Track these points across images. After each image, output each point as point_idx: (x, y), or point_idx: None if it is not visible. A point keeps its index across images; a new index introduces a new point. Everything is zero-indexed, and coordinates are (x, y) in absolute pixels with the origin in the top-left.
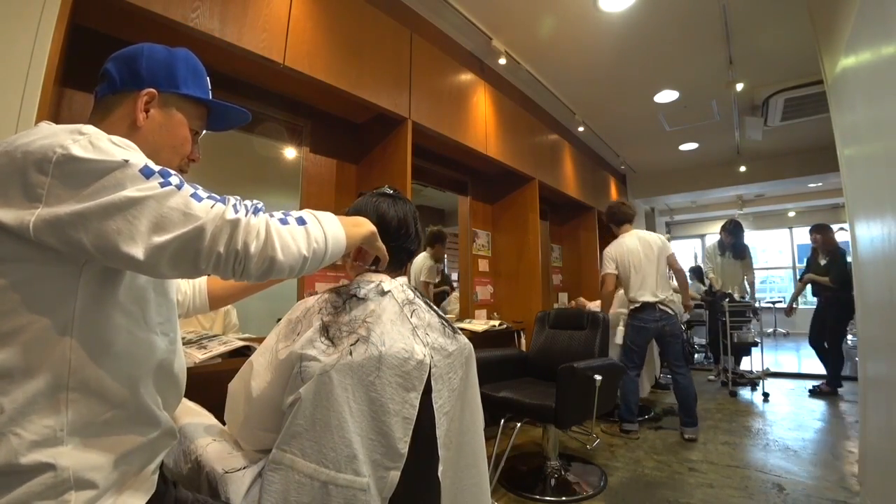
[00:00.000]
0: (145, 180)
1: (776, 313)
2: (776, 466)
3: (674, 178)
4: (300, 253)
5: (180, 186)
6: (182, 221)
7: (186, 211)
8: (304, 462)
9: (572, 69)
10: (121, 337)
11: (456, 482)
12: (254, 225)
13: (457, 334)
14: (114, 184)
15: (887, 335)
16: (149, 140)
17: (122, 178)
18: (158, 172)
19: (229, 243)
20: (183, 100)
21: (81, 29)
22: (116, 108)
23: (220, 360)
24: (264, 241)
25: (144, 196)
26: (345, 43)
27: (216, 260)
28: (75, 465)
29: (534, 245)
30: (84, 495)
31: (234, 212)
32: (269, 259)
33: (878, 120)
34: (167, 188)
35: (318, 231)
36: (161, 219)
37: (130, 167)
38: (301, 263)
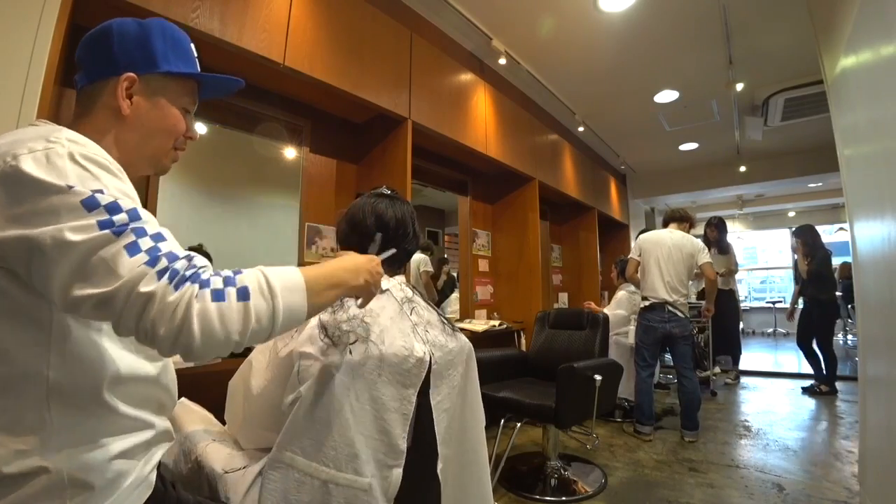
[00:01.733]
0: (85, 214)
1: (776, 313)
2: (776, 466)
3: (674, 178)
4: (227, 338)
5: (118, 231)
6: (103, 278)
7: (111, 267)
8: (304, 461)
9: (572, 69)
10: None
11: (457, 479)
12: (169, 303)
13: (456, 333)
14: (48, 211)
15: (887, 335)
16: (139, 127)
17: (59, 205)
18: (104, 207)
19: (137, 319)
20: (167, 78)
21: (81, 29)
22: (97, 98)
23: (219, 360)
24: (178, 325)
25: (70, 240)
26: (345, 43)
27: (127, 330)
28: (67, 467)
29: (534, 245)
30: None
31: (156, 280)
32: (186, 344)
33: (878, 120)
34: (102, 233)
35: (263, 306)
36: (86, 270)
37: (73, 195)
38: (228, 347)
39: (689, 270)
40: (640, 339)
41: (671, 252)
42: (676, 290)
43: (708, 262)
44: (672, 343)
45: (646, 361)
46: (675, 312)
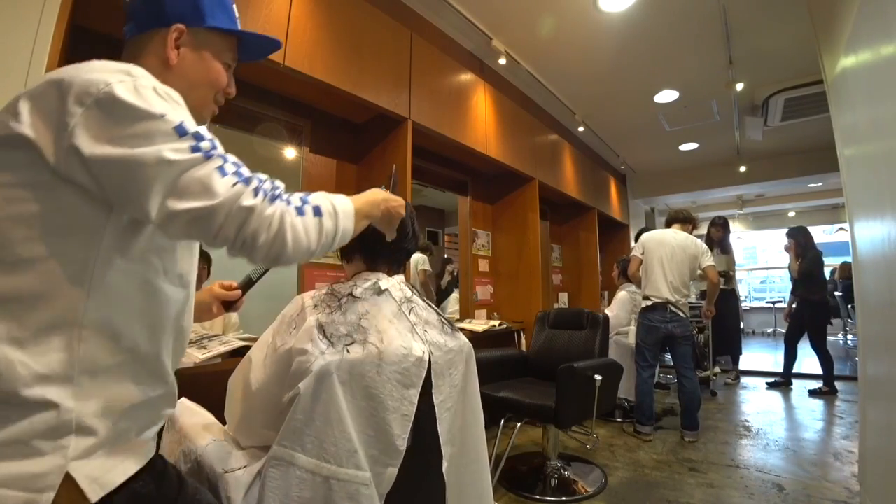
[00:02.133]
0: (177, 139)
1: (776, 313)
2: (776, 466)
3: (674, 178)
4: (309, 248)
5: (208, 155)
6: (200, 195)
7: (207, 184)
8: (304, 458)
9: (572, 69)
10: (140, 284)
11: (459, 478)
12: (267, 216)
13: (456, 332)
14: (145, 134)
15: (887, 335)
16: (184, 77)
17: (154, 131)
18: (192, 134)
19: (240, 229)
20: (212, 33)
21: (81, 29)
22: (146, 47)
23: (219, 360)
24: (275, 234)
25: (170, 159)
26: (345, 43)
27: (224, 240)
28: (79, 408)
29: (534, 245)
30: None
31: (253, 196)
32: (278, 251)
33: (878, 120)
34: (195, 154)
35: (331, 225)
36: (180, 186)
37: (165, 122)
38: (308, 256)
39: (693, 272)
40: (641, 339)
41: (675, 252)
42: (679, 290)
43: (711, 265)
44: (673, 343)
45: (647, 361)
46: (676, 312)
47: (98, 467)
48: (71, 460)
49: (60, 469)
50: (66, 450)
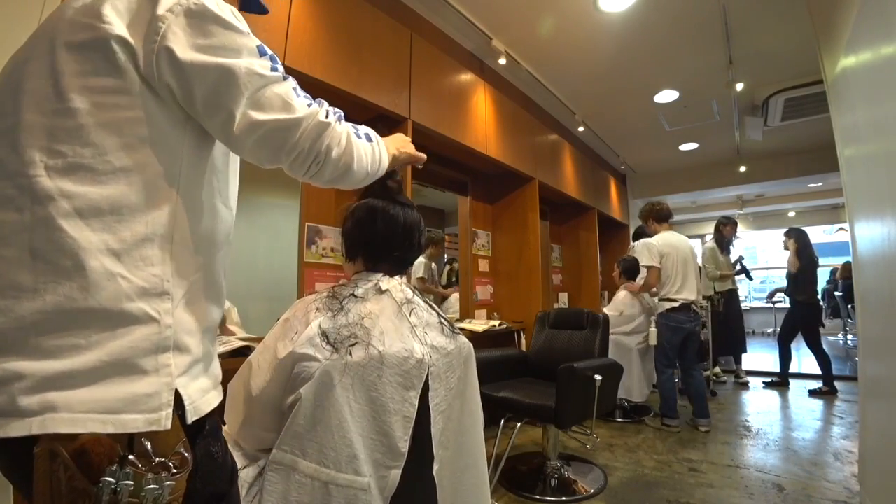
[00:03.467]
0: (258, 57)
1: (776, 313)
2: (776, 466)
3: (674, 178)
4: (366, 170)
5: (286, 77)
6: (281, 108)
7: (287, 100)
8: (305, 462)
9: (572, 69)
10: (208, 201)
11: (455, 483)
12: (339, 132)
13: (456, 334)
14: (234, 47)
15: (887, 335)
16: None
17: (242, 45)
18: (269, 56)
19: (315, 143)
20: None
21: None
22: None
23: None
24: (344, 149)
25: (257, 73)
26: (345, 43)
27: (297, 154)
28: (176, 324)
29: (534, 245)
30: (182, 360)
31: (326, 115)
32: (346, 166)
33: (878, 120)
34: (276, 73)
35: (378, 153)
36: (265, 98)
37: (251, 40)
38: (364, 179)
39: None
40: (666, 339)
41: (687, 255)
42: (699, 290)
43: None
44: (689, 341)
45: (669, 361)
46: (698, 312)
47: (195, 389)
48: (175, 377)
49: (169, 387)
50: (169, 367)
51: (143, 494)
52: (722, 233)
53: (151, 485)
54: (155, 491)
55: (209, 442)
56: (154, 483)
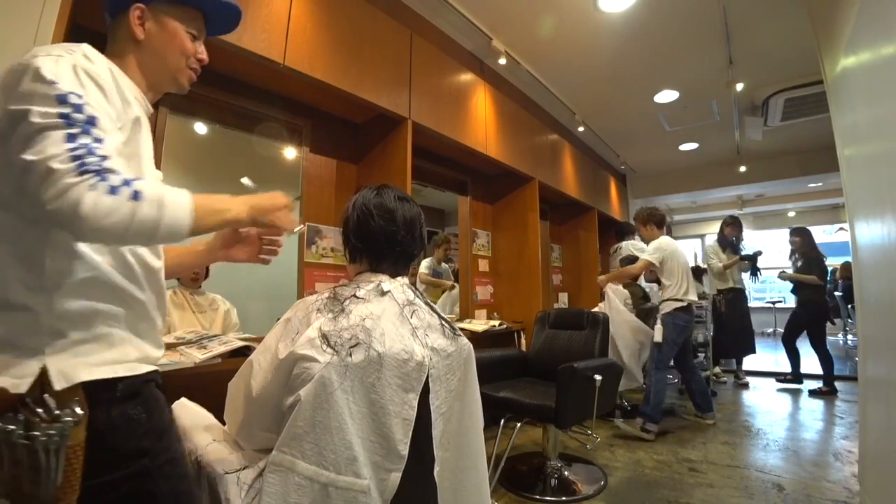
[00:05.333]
0: (53, 104)
1: (776, 313)
2: (776, 466)
3: (674, 178)
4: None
5: (72, 124)
6: (31, 149)
7: (42, 145)
8: (304, 464)
9: (572, 69)
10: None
11: (455, 484)
12: (64, 183)
13: (457, 335)
14: (29, 94)
15: (887, 335)
16: (153, 50)
17: (37, 92)
18: (73, 105)
19: (37, 191)
20: (170, 6)
21: (81, 29)
22: (119, 30)
23: (220, 360)
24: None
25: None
26: (345, 43)
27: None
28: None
29: (534, 245)
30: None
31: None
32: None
33: (878, 120)
34: (57, 121)
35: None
36: (26, 142)
37: (52, 88)
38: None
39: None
40: (672, 338)
41: (685, 258)
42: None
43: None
44: (688, 340)
45: (668, 360)
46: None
47: (71, 364)
48: (48, 355)
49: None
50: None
51: (33, 435)
52: (723, 232)
53: (35, 431)
54: (41, 436)
55: (126, 404)
56: (38, 429)
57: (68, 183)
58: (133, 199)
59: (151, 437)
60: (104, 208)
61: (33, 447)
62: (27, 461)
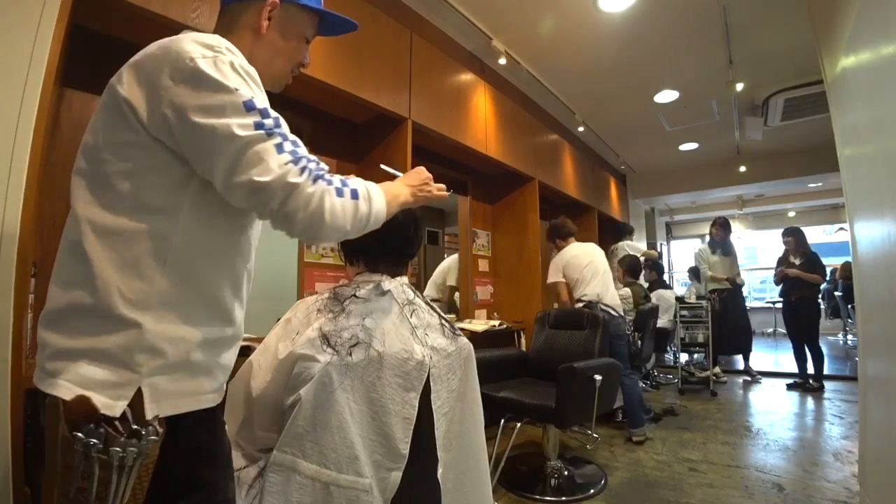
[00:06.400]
0: (244, 114)
1: (776, 313)
2: (776, 466)
3: (674, 178)
4: (344, 227)
5: (270, 133)
6: (257, 169)
7: (263, 160)
8: (305, 463)
9: (572, 69)
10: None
11: (457, 484)
12: (308, 193)
13: (457, 335)
14: (219, 106)
15: (887, 335)
16: (270, 46)
17: (226, 103)
18: (259, 110)
19: (282, 205)
20: (300, 8)
21: (81, 29)
22: (242, 16)
23: None
24: (313, 212)
25: (236, 134)
26: (345, 43)
27: (270, 213)
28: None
29: (534, 245)
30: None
31: (299, 175)
32: (317, 227)
33: (878, 120)
34: (258, 132)
35: (366, 208)
36: (241, 162)
37: (237, 96)
38: (342, 235)
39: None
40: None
41: (590, 260)
42: (606, 290)
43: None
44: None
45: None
46: (608, 311)
47: (165, 389)
48: (145, 376)
49: (137, 382)
50: (141, 366)
51: (113, 451)
52: (711, 234)
53: (115, 447)
54: (120, 452)
55: (193, 432)
56: (119, 446)
57: (310, 192)
58: (353, 198)
59: (212, 467)
60: (339, 210)
61: (109, 462)
62: (99, 475)
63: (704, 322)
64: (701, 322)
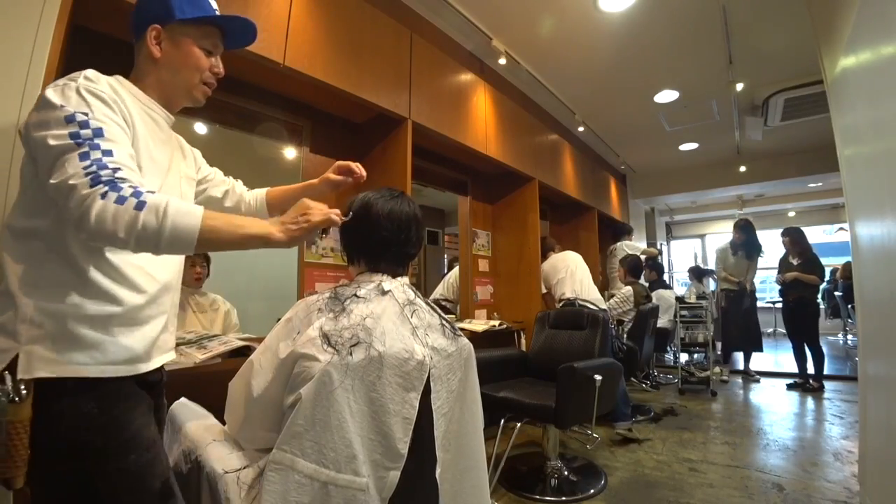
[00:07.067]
0: (63, 126)
1: (776, 313)
2: (776, 466)
3: (674, 178)
4: (114, 233)
5: (81, 143)
6: (55, 173)
7: (62, 166)
8: (304, 462)
9: (572, 69)
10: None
11: (455, 485)
12: (81, 195)
13: (457, 335)
14: (45, 122)
15: (887, 334)
16: (169, 67)
17: (50, 119)
18: (78, 122)
19: (65, 205)
20: (184, 25)
21: (81, 29)
22: (141, 49)
23: (220, 360)
24: (81, 213)
25: (50, 144)
26: (345, 43)
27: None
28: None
29: (534, 245)
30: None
31: (82, 177)
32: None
33: (878, 120)
34: (69, 142)
35: (153, 221)
36: (52, 167)
37: (61, 111)
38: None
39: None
40: None
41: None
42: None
43: None
44: None
45: None
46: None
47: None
48: (23, 344)
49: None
50: (19, 335)
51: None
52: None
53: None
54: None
55: (78, 398)
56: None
57: (83, 195)
58: (137, 209)
59: (100, 434)
60: (109, 216)
61: None
62: None
63: (704, 322)
64: (701, 322)
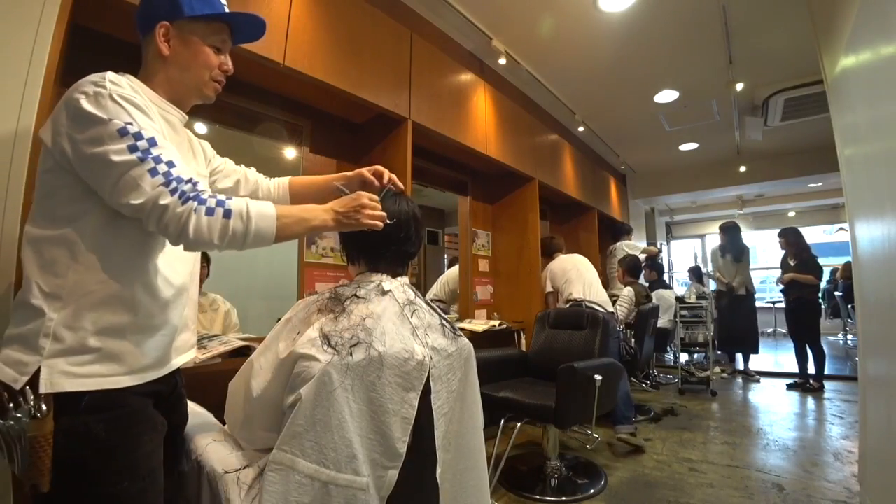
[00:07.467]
0: (118, 139)
1: (776, 313)
2: (776, 466)
3: (674, 178)
4: (210, 242)
5: (144, 158)
6: (133, 192)
7: (138, 185)
8: (304, 462)
9: (572, 69)
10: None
11: (456, 485)
12: (177, 213)
13: (457, 335)
14: (98, 137)
15: (887, 335)
16: (178, 64)
17: (103, 134)
18: (132, 134)
19: (158, 221)
20: (193, 21)
21: (81, 29)
22: (149, 47)
23: (220, 360)
24: (181, 228)
25: (113, 161)
26: (345, 43)
27: (149, 226)
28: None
29: (534, 245)
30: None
31: (170, 196)
32: (184, 241)
33: (878, 120)
34: (132, 157)
35: (241, 226)
36: (120, 185)
37: (112, 125)
38: (212, 247)
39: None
40: None
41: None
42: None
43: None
44: None
45: None
46: (592, 307)
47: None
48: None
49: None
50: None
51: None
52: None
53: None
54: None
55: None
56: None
57: (178, 213)
58: (225, 217)
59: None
60: (205, 227)
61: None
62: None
63: (704, 322)
64: (701, 322)
